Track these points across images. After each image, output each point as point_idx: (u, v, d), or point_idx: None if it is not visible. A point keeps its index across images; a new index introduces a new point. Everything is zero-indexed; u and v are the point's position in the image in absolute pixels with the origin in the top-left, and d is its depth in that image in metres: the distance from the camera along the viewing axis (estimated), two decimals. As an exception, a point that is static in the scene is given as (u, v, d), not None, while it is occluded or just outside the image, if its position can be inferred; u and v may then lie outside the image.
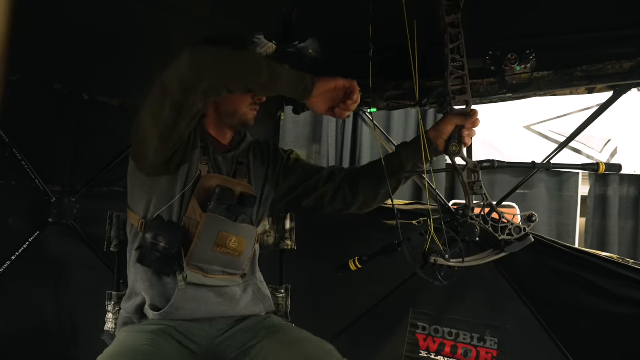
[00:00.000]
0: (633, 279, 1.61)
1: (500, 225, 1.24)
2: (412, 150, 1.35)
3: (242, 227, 1.32)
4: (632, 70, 1.60)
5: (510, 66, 1.31)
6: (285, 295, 1.64)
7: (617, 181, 3.90)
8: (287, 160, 1.50)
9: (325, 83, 1.20)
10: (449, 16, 1.26)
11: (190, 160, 1.31)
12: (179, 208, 1.30)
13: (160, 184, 1.30)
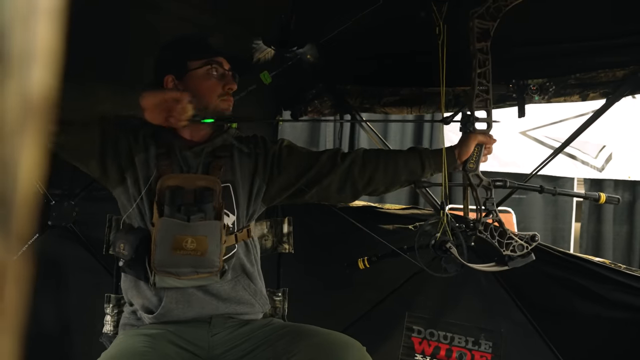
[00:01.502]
0: (625, 283, 1.63)
1: (505, 241, 1.32)
2: (434, 161, 1.41)
3: (199, 225, 1.26)
4: (625, 78, 1.63)
5: (531, 95, 1.37)
6: (283, 298, 1.64)
7: (612, 187, 3.93)
8: (280, 152, 1.44)
9: (152, 96, 1.22)
10: (479, 42, 1.31)
11: (135, 166, 1.32)
12: (146, 215, 1.31)
13: (118, 192, 1.35)
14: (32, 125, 0.11)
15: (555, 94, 1.71)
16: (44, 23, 0.11)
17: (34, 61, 0.11)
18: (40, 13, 0.11)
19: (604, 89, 1.68)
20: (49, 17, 0.11)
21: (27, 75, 0.11)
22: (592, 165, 3.82)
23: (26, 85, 0.11)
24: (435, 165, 1.41)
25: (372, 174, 1.42)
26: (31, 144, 0.11)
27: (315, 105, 2.15)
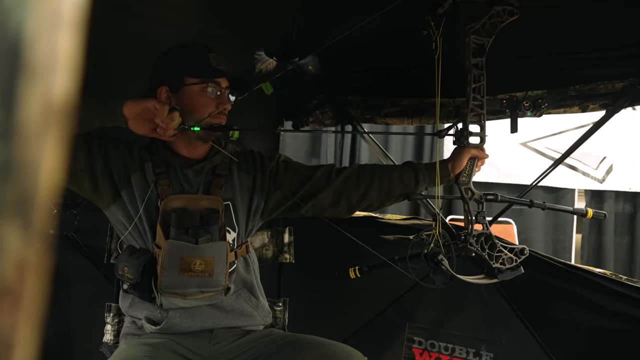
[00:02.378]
0: (626, 295, 1.63)
1: (495, 253, 1.34)
2: (428, 175, 1.43)
3: (206, 247, 1.26)
4: (624, 90, 1.64)
5: (524, 111, 1.39)
6: (283, 308, 1.65)
7: (613, 198, 3.93)
8: (277, 168, 1.44)
9: (134, 105, 1.15)
10: (475, 58, 1.33)
11: (131, 184, 1.29)
12: (146, 236, 1.30)
13: (111, 211, 1.31)
14: (53, 129, 0.12)
15: (554, 106, 1.72)
16: (67, 34, 0.12)
17: (57, 69, 0.12)
18: (63, 24, 0.12)
19: (604, 101, 1.69)
20: (71, 29, 0.12)
21: (50, 82, 0.12)
22: (592, 177, 3.83)
23: (49, 91, 0.12)
24: (429, 179, 1.43)
25: (366, 189, 1.43)
26: (52, 147, 0.12)
27: (316, 115, 2.16)
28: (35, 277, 0.12)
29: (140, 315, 1.33)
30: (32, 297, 0.12)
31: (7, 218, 0.11)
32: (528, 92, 1.77)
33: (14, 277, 0.12)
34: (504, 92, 1.77)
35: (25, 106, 0.11)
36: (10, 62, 0.11)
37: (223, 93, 1.32)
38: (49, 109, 0.12)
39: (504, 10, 1.33)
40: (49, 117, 0.12)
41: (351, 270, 1.56)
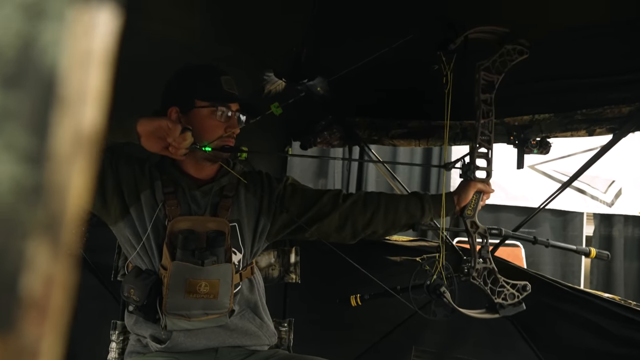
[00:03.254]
0: (635, 321, 1.60)
1: (497, 288, 1.35)
2: (434, 207, 1.45)
3: (212, 269, 1.26)
4: (631, 114, 1.65)
5: (530, 149, 1.41)
6: (288, 329, 1.64)
7: (622, 222, 3.90)
8: (284, 191, 1.45)
9: (147, 122, 1.17)
10: (484, 94, 1.36)
11: (141, 202, 1.29)
12: (153, 256, 1.30)
13: (119, 228, 1.31)
14: (81, 156, 0.13)
15: (561, 130, 1.73)
16: (96, 71, 0.13)
17: (86, 102, 0.13)
18: (93, 63, 0.13)
19: (611, 125, 1.70)
20: (100, 67, 0.13)
21: (79, 114, 0.13)
22: (601, 200, 3.80)
23: (78, 122, 0.13)
24: (435, 211, 1.44)
25: (372, 216, 1.44)
26: (80, 173, 0.13)
27: (324, 136, 2.18)
28: (61, 291, 0.13)
29: (145, 333, 1.33)
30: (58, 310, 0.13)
31: (38, 237, 0.12)
32: (535, 115, 1.78)
33: (41, 291, 0.13)
34: (511, 116, 1.79)
35: (57, 135, 0.12)
36: (45, 95, 0.12)
37: (232, 116, 1.32)
38: (78, 138, 0.13)
39: (514, 49, 1.36)
40: (77, 145, 0.13)
41: (352, 298, 1.56)
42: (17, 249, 0.12)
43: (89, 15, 0.13)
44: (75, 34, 0.12)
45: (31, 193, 0.12)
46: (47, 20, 0.13)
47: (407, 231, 3.49)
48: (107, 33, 0.13)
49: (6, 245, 0.12)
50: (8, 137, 0.12)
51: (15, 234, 0.12)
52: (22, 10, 0.12)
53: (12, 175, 0.12)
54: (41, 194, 0.12)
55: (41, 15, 0.12)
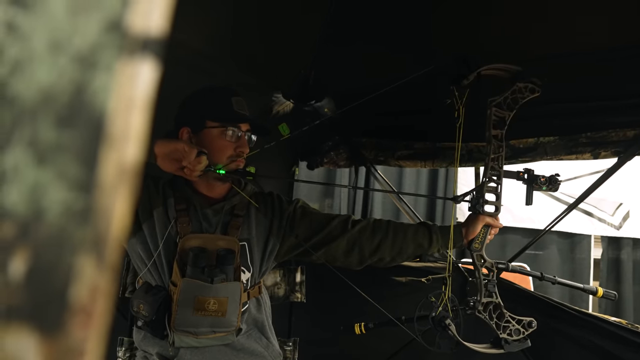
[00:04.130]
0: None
1: (503, 323, 1.36)
2: (442, 238, 1.46)
3: (221, 287, 1.28)
4: (636, 138, 1.66)
5: (539, 185, 1.44)
6: (293, 348, 1.64)
7: (630, 245, 3.87)
8: (294, 213, 1.46)
9: (165, 144, 1.20)
10: (495, 130, 1.39)
11: (153, 218, 1.31)
12: (163, 272, 1.31)
13: (132, 247, 1.33)
14: (124, 185, 0.15)
15: (565, 152, 1.75)
16: (138, 114, 0.15)
17: (129, 140, 0.15)
18: (136, 107, 0.15)
19: (615, 148, 1.71)
20: (141, 110, 0.15)
21: (123, 150, 0.15)
22: (609, 223, 3.78)
23: (122, 156, 0.15)
24: (442, 242, 1.46)
25: (380, 243, 1.45)
26: (123, 199, 0.15)
27: (331, 156, 2.21)
28: (104, 300, 0.15)
29: (152, 350, 1.34)
30: (101, 315, 0.15)
31: (86, 252, 0.15)
32: (540, 138, 1.80)
33: (87, 298, 0.15)
34: (516, 138, 1.81)
35: (104, 167, 0.15)
36: (94, 133, 0.15)
37: (242, 137, 1.35)
38: (122, 170, 0.15)
39: (525, 87, 1.39)
40: (121, 176, 0.15)
41: (357, 326, 1.57)
42: (67, 263, 0.14)
43: (133, 66, 0.15)
44: (121, 82, 0.15)
45: (80, 216, 0.15)
46: (98, 70, 0.15)
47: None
48: (148, 82, 0.15)
49: (58, 260, 0.14)
50: (61, 168, 0.15)
51: (66, 250, 0.14)
52: (77, 61, 0.15)
53: (63, 201, 0.15)
54: (89, 216, 0.15)
55: (93, 66, 0.15)
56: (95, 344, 0.15)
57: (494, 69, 1.41)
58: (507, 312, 1.37)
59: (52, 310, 0.14)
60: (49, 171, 0.15)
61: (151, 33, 0.15)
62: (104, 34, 0.15)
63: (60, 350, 0.14)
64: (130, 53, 0.15)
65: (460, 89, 1.39)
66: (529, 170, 1.47)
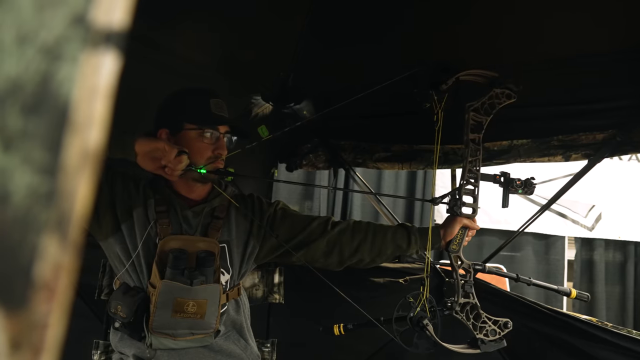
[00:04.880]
0: (612, 342, 1.64)
1: (479, 324, 1.39)
2: (420, 239, 1.48)
3: (200, 289, 1.27)
4: (605, 141, 1.72)
5: (515, 188, 1.47)
6: (271, 349, 1.64)
7: (603, 246, 3.97)
8: (274, 214, 1.47)
9: (145, 143, 1.19)
10: (473, 134, 1.42)
11: (133, 218, 1.31)
12: (142, 273, 1.31)
13: (109, 243, 1.32)
14: (87, 169, 0.16)
15: (538, 155, 1.80)
16: (101, 101, 0.16)
17: (92, 126, 0.16)
18: (99, 95, 0.16)
19: (586, 151, 1.76)
20: (104, 98, 0.16)
21: (87, 135, 0.16)
22: (582, 225, 3.88)
23: (86, 141, 0.16)
24: (421, 243, 1.48)
25: (359, 244, 1.46)
26: (86, 182, 0.16)
27: (309, 159, 2.22)
28: (67, 276, 0.16)
29: (128, 352, 1.33)
30: (64, 291, 0.16)
31: (50, 232, 0.16)
32: (514, 140, 1.85)
33: (51, 275, 0.16)
34: (491, 141, 1.85)
35: (68, 152, 0.15)
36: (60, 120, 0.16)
37: (221, 138, 1.34)
38: (85, 155, 0.16)
39: (502, 93, 1.43)
40: (84, 160, 0.16)
41: (336, 327, 1.58)
42: (32, 242, 0.15)
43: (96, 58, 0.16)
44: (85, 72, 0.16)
45: (44, 198, 0.15)
46: (63, 61, 0.16)
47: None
48: (110, 72, 0.16)
49: (23, 239, 0.15)
50: (27, 154, 0.16)
51: (31, 230, 0.15)
52: (43, 53, 0.16)
53: (28, 184, 0.15)
54: (53, 198, 0.15)
55: (58, 58, 0.16)
56: (58, 318, 0.16)
57: (472, 74, 1.45)
58: (483, 312, 1.40)
59: (17, 286, 0.15)
60: (15, 156, 0.16)
61: (113, 27, 0.16)
62: (69, 27, 0.16)
63: (24, 324, 0.15)
64: (94, 46, 0.16)
65: (439, 93, 1.42)
66: (505, 173, 1.51)
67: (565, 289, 1.64)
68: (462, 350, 1.39)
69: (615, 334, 1.63)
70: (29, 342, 0.15)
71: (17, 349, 0.15)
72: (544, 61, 1.52)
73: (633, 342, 1.60)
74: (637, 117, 1.62)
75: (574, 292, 1.58)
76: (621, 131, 1.67)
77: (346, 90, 1.69)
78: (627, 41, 1.42)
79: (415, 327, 1.37)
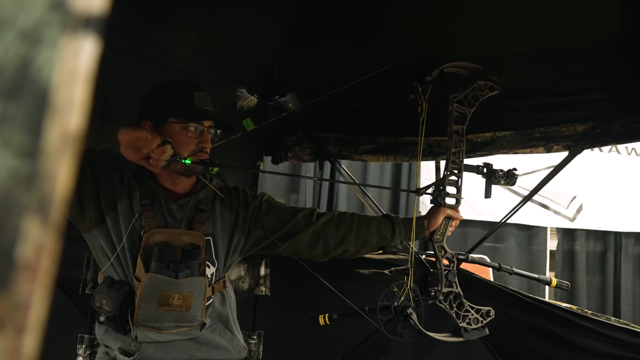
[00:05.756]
0: (592, 329, 1.68)
1: (462, 313, 1.41)
2: (404, 229, 1.49)
3: (185, 282, 1.27)
4: (585, 132, 1.75)
5: (498, 179, 1.49)
6: (258, 341, 1.65)
7: (584, 236, 4.04)
8: (260, 207, 1.47)
9: (128, 132, 1.19)
10: (456, 125, 1.43)
11: (117, 210, 1.30)
12: (127, 266, 1.30)
13: (92, 235, 1.31)
14: (68, 152, 0.16)
15: (520, 147, 1.82)
16: (81, 85, 0.17)
17: (73, 110, 0.16)
18: (78, 79, 0.17)
19: (567, 142, 1.79)
20: (84, 82, 0.17)
21: (67, 119, 0.16)
22: (564, 215, 3.94)
23: (66, 125, 0.16)
24: (405, 234, 1.49)
25: (344, 235, 1.47)
26: (66, 165, 0.16)
27: (295, 151, 2.22)
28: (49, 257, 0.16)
29: (113, 345, 1.32)
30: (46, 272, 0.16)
31: (32, 214, 0.16)
32: (496, 132, 1.87)
33: (33, 256, 0.16)
34: (474, 133, 1.87)
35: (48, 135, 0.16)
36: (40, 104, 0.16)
37: (205, 132, 1.34)
38: (65, 138, 0.16)
39: (485, 85, 1.44)
40: (65, 143, 0.16)
41: (321, 317, 1.59)
42: (14, 224, 0.15)
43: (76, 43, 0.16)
44: (65, 57, 0.16)
45: (26, 180, 0.16)
46: (43, 46, 0.16)
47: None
48: (90, 56, 0.17)
49: (5, 221, 0.15)
50: (7, 137, 0.16)
51: (13, 212, 0.16)
52: (22, 37, 0.16)
53: (9, 167, 0.16)
54: (34, 181, 0.16)
55: (38, 42, 0.16)
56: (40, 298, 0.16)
57: (456, 66, 1.46)
58: (466, 301, 1.42)
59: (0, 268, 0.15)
60: (-5, 140, 0.16)
61: (92, 12, 0.16)
62: (48, 12, 0.16)
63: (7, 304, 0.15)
64: (73, 30, 0.16)
65: (423, 85, 1.43)
66: (488, 164, 1.53)
67: (546, 277, 1.67)
68: (446, 339, 1.41)
69: (595, 321, 1.67)
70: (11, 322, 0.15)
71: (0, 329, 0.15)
72: (526, 54, 1.54)
73: (612, 329, 1.64)
74: (616, 109, 1.65)
75: (554, 280, 1.62)
76: (601, 123, 1.70)
77: (331, 82, 1.69)
78: (604, 35, 1.44)
79: (399, 316, 1.39)
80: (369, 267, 2.10)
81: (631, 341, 1.60)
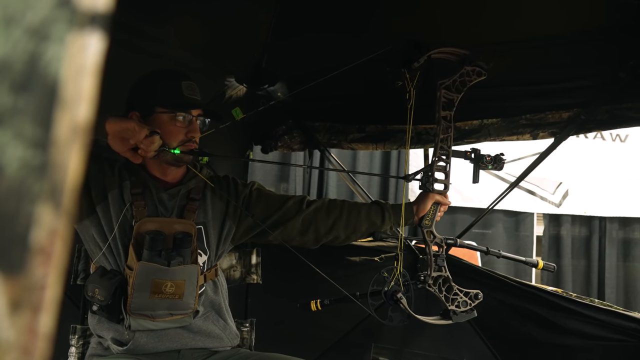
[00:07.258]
0: (576, 311, 1.72)
1: (451, 296, 1.43)
2: (394, 215, 1.51)
3: (178, 270, 1.28)
4: (570, 119, 1.78)
5: (485, 164, 1.50)
6: (250, 329, 1.66)
7: (569, 222, 4.11)
8: (250, 195, 1.48)
9: (115, 122, 1.18)
10: (444, 111, 1.44)
11: (108, 201, 1.30)
12: (119, 255, 1.30)
13: (84, 226, 1.31)
14: (77, 142, 0.17)
15: (507, 134, 1.85)
16: (89, 79, 0.18)
17: (81, 102, 0.17)
18: (86, 73, 0.17)
19: (552, 129, 1.82)
20: (91, 75, 0.18)
21: (76, 111, 0.17)
22: (550, 201, 4.00)
23: (75, 117, 0.17)
24: (394, 219, 1.51)
25: (335, 221, 1.49)
26: (76, 154, 0.17)
27: (285, 140, 2.23)
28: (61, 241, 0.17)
29: (107, 335, 1.33)
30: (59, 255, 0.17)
31: (44, 201, 0.17)
32: (483, 120, 1.89)
33: (47, 240, 0.17)
34: (461, 121, 1.89)
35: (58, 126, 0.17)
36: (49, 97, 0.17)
37: (193, 121, 1.33)
38: (75, 129, 0.17)
39: (473, 71, 1.45)
40: (74, 134, 0.17)
41: (313, 303, 1.61)
42: (27, 211, 0.16)
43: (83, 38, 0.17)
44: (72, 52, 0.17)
45: (37, 170, 0.17)
46: (50, 41, 0.17)
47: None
48: (96, 51, 0.18)
49: (19, 208, 0.16)
50: (18, 129, 0.17)
51: (26, 200, 0.17)
52: (30, 34, 0.17)
53: (21, 157, 0.17)
54: (45, 170, 0.17)
55: (46, 38, 0.17)
56: (54, 280, 0.17)
57: (444, 52, 1.47)
58: (455, 285, 1.45)
59: (15, 252, 0.16)
60: (7, 132, 0.17)
61: (98, 8, 0.17)
62: (55, 9, 0.17)
63: (23, 286, 0.16)
64: (80, 27, 0.17)
65: (411, 71, 1.44)
66: (476, 149, 1.55)
67: (533, 260, 1.71)
68: (435, 322, 1.43)
69: (579, 304, 1.71)
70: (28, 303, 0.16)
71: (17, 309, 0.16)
72: (513, 41, 1.56)
73: (595, 311, 1.68)
74: (600, 96, 1.68)
75: (541, 263, 1.65)
76: (586, 110, 1.73)
77: (320, 71, 1.69)
78: (590, 23, 1.46)
79: (389, 300, 1.41)
80: (359, 255, 2.12)
81: (613, 322, 1.65)
